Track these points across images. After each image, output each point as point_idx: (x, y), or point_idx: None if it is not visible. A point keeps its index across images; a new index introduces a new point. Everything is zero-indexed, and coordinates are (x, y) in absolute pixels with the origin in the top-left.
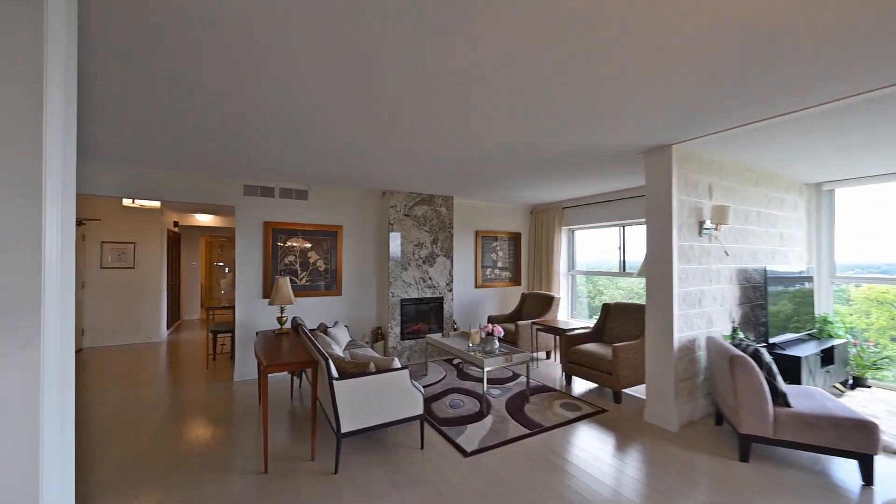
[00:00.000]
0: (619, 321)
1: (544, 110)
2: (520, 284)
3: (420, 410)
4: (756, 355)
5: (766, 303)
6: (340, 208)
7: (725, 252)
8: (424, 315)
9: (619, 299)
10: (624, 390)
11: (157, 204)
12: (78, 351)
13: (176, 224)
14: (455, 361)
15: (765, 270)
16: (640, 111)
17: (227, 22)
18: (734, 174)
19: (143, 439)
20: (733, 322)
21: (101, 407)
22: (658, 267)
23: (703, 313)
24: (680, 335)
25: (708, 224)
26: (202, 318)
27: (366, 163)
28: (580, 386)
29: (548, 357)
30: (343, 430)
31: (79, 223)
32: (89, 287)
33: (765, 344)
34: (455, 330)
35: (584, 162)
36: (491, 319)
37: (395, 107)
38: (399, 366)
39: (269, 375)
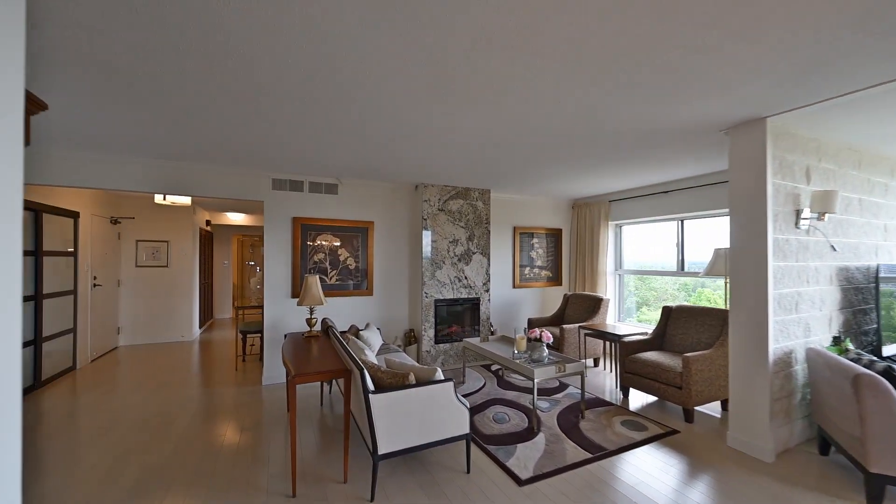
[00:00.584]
0: (682, 327)
1: (617, 74)
2: (560, 284)
3: (466, 429)
4: (889, 374)
5: (876, 307)
6: (371, 203)
7: (832, 246)
8: (459, 317)
9: (652, 301)
10: (696, 408)
11: (187, 201)
12: (113, 349)
13: (208, 223)
14: (494, 367)
15: (877, 268)
16: (738, 71)
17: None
18: (833, 155)
19: (166, 449)
20: (840, 331)
21: (128, 410)
22: (746, 265)
23: (800, 320)
24: (775, 346)
25: (807, 213)
26: (234, 317)
27: (400, 150)
28: (637, 399)
29: (595, 365)
30: (380, 452)
31: (114, 221)
32: (124, 285)
33: (874, 357)
34: (492, 333)
35: (647, 144)
36: (531, 322)
37: (441, 72)
38: (442, 377)
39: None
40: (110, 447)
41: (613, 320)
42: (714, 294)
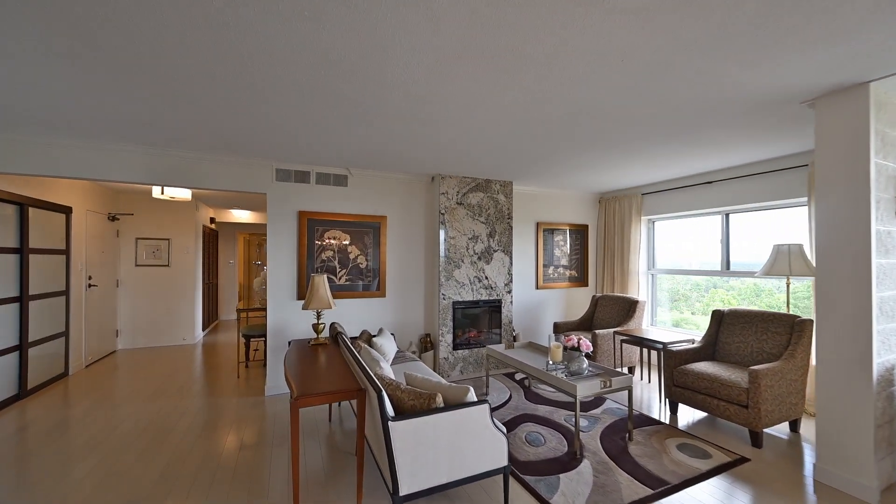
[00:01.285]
0: (738, 334)
1: (710, 16)
2: (586, 285)
3: (504, 461)
4: None
5: None
6: (384, 196)
7: None
8: (479, 320)
9: (663, 302)
10: (765, 430)
11: (188, 196)
12: (110, 353)
13: (213, 220)
14: (518, 376)
15: None
16: (859, 14)
17: None
18: None
19: (155, 471)
20: None
21: (119, 422)
22: (841, 262)
23: None
24: (878, 360)
25: None
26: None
27: (417, 133)
28: (685, 415)
29: (631, 374)
30: (402, 493)
31: (112, 218)
32: (124, 286)
33: None
34: (514, 338)
35: (707, 122)
36: (557, 327)
37: (476, 18)
38: (475, 398)
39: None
40: (96, 465)
41: (647, 324)
42: (728, 294)
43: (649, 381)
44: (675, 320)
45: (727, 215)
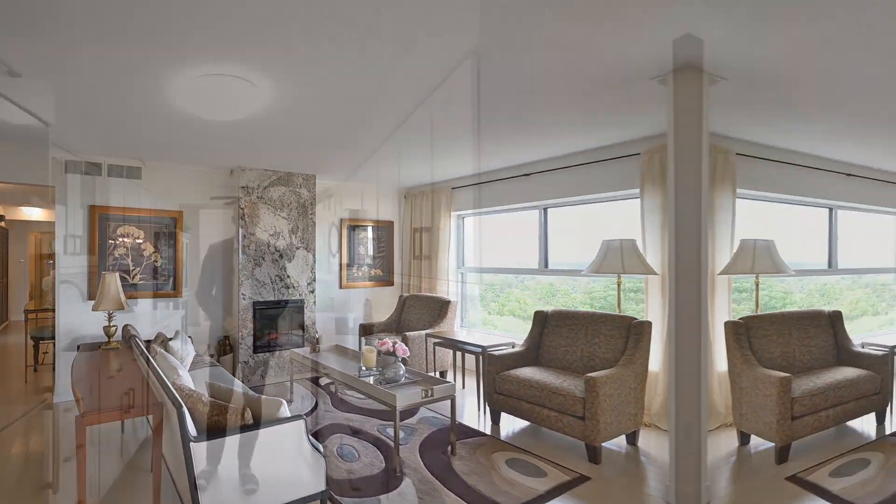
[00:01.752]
0: (565, 337)
1: None
2: (392, 284)
3: (322, 485)
4: None
5: None
6: (180, 190)
7: None
8: (280, 321)
9: (476, 303)
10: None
11: None
12: None
13: (2, 218)
14: (324, 381)
15: None
16: None
17: None
18: None
19: None
20: None
21: None
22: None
23: None
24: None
25: None
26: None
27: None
28: (506, 424)
29: (442, 378)
30: None
31: None
32: None
33: None
34: (317, 341)
35: (534, 101)
36: (364, 329)
37: None
38: (288, 413)
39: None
40: None
41: (458, 325)
42: (523, 294)
43: (464, 387)
44: (481, 320)
45: (545, 209)
